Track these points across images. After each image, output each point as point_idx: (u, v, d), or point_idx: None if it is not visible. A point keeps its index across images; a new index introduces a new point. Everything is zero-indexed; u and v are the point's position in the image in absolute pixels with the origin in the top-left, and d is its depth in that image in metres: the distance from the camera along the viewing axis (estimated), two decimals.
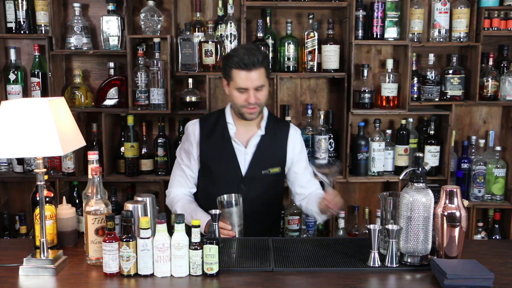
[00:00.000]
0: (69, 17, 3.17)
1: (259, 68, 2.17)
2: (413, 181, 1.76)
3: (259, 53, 2.19)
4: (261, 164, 2.31)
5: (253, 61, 2.15)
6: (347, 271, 1.76)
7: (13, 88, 3.12)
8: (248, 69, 2.15)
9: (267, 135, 2.33)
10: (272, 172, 2.32)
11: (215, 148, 2.32)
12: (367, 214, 3.23)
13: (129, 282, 1.69)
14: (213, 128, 2.34)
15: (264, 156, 2.31)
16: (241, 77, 2.17)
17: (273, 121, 2.38)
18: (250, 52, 2.16)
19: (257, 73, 2.17)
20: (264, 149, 2.31)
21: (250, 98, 2.18)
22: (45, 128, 1.67)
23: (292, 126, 2.44)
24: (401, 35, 3.09)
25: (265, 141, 2.32)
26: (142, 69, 3.01)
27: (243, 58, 2.14)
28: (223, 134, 2.32)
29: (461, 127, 3.35)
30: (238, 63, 2.15)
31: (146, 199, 1.90)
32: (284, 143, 2.36)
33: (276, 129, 2.36)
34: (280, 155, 2.35)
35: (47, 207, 1.90)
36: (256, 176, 2.30)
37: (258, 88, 2.19)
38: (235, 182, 2.29)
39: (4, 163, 3.19)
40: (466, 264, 1.69)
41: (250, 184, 2.29)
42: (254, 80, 2.17)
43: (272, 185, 2.35)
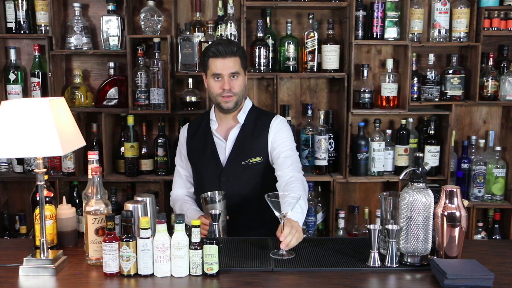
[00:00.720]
0: (69, 17, 3.17)
1: (234, 56, 2.25)
2: (413, 181, 1.76)
3: (234, 44, 2.29)
4: (241, 155, 2.32)
5: (227, 49, 2.23)
6: (347, 271, 1.76)
7: (13, 88, 3.12)
8: (223, 56, 2.23)
9: (246, 126, 2.34)
10: (253, 162, 2.31)
11: (199, 145, 2.40)
12: (367, 214, 3.23)
13: (129, 282, 1.69)
14: (198, 126, 2.44)
15: (244, 147, 2.32)
16: (215, 65, 2.24)
17: (256, 113, 2.40)
18: (225, 42, 2.27)
19: (231, 60, 2.24)
20: (244, 140, 2.33)
21: (225, 84, 2.24)
22: (45, 128, 1.67)
23: (278, 117, 2.40)
24: (401, 35, 3.09)
25: (244, 132, 2.34)
26: (142, 69, 3.01)
27: (217, 47, 2.24)
28: (206, 130, 2.39)
29: (461, 127, 3.35)
30: (213, 52, 2.24)
31: (146, 199, 1.90)
32: (265, 132, 2.34)
33: (258, 120, 2.37)
34: (261, 144, 2.33)
35: (47, 207, 1.90)
36: (236, 167, 2.31)
37: (233, 75, 2.25)
38: (216, 175, 2.33)
39: (4, 163, 3.19)
40: (466, 264, 1.69)
41: (231, 176, 2.31)
42: (229, 67, 2.24)
43: (256, 175, 2.33)
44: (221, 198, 2.14)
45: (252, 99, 3.26)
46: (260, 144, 2.33)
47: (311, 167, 3.17)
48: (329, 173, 3.19)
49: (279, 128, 2.35)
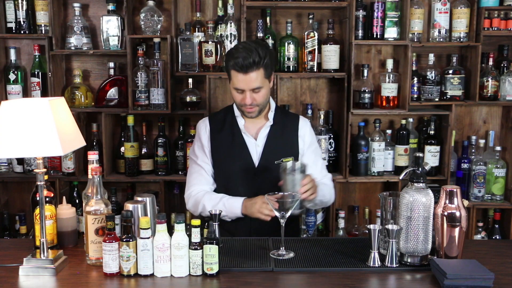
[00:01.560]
0: (69, 17, 3.17)
1: (256, 70, 2.14)
2: (413, 181, 1.76)
3: (257, 54, 2.13)
4: (273, 154, 2.29)
5: (249, 63, 2.12)
6: (347, 271, 1.76)
7: (13, 88, 3.12)
8: (244, 72, 2.14)
9: (276, 125, 2.33)
10: (286, 161, 2.25)
11: (226, 142, 2.32)
12: (367, 214, 3.23)
13: (129, 282, 1.69)
14: (223, 123, 2.36)
15: (276, 146, 2.31)
16: (237, 79, 2.17)
17: (281, 112, 2.39)
18: (247, 53, 2.12)
19: (253, 75, 2.15)
20: (275, 139, 2.31)
21: (246, 99, 2.19)
22: (45, 128, 1.67)
23: (302, 118, 2.43)
24: (401, 35, 3.09)
25: (274, 132, 2.32)
26: (142, 69, 3.01)
27: (239, 60, 2.12)
28: (233, 127, 2.33)
29: (461, 127, 3.35)
30: (234, 65, 2.14)
31: (146, 199, 1.90)
32: (294, 134, 2.34)
33: (285, 120, 2.36)
34: (291, 145, 2.33)
35: (47, 207, 1.90)
36: (269, 166, 2.27)
37: (255, 89, 2.18)
38: (249, 174, 2.28)
39: (4, 163, 3.19)
40: (466, 264, 1.69)
41: (264, 175, 2.27)
42: (250, 82, 2.16)
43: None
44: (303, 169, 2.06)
45: None
46: (290, 145, 2.33)
47: None
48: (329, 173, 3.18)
49: (307, 133, 2.37)
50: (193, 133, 3.06)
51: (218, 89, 3.27)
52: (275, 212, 1.87)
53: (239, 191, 2.27)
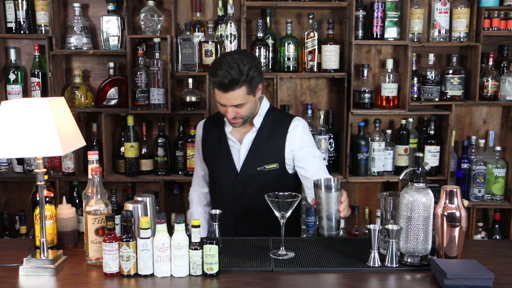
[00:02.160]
0: (69, 17, 3.17)
1: (237, 88, 2.07)
2: (413, 181, 1.76)
3: (238, 71, 2.05)
4: (256, 160, 2.25)
5: (229, 82, 2.05)
6: (347, 271, 1.76)
7: (13, 88, 3.12)
8: (225, 91, 2.07)
9: (262, 130, 2.25)
10: (268, 168, 2.24)
11: (214, 146, 2.32)
12: (367, 214, 3.23)
13: (129, 282, 1.69)
14: (213, 127, 2.36)
15: (259, 153, 2.25)
16: (219, 95, 2.11)
17: (273, 116, 2.29)
18: (228, 73, 2.04)
19: (235, 94, 2.08)
20: (259, 145, 2.25)
21: (228, 114, 2.14)
22: (45, 128, 1.67)
23: (295, 120, 2.30)
24: (401, 35, 3.09)
25: (260, 137, 2.25)
26: (142, 69, 3.01)
27: (219, 80, 2.05)
28: (220, 132, 2.32)
29: (461, 127, 3.35)
30: (215, 83, 2.08)
31: (146, 199, 1.90)
32: (282, 138, 2.25)
33: (275, 124, 2.27)
34: (277, 150, 2.25)
35: (47, 207, 1.90)
36: (251, 173, 2.24)
37: (238, 106, 2.12)
38: (231, 179, 2.27)
39: (4, 163, 3.19)
40: (466, 264, 1.69)
41: (246, 181, 2.25)
42: (231, 99, 2.10)
43: (271, 182, 2.23)
44: (338, 186, 1.93)
45: None
46: (277, 150, 2.25)
47: None
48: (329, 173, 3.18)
49: (297, 134, 2.25)
50: (193, 133, 3.07)
51: None
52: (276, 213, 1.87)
53: (223, 197, 2.30)
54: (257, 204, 2.22)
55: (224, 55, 2.17)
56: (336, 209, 1.92)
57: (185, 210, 2.92)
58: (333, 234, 1.94)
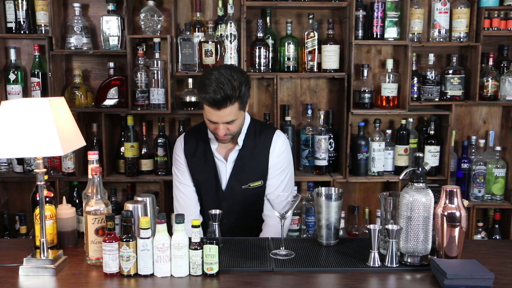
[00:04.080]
0: (69, 17, 3.17)
1: (230, 105, 2.03)
2: (413, 181, 1.76)
3: (230, 87, 2.00)
4: (241, 179, 2.24)
5: (223, 99, 2.00)
6: (347, 271, 1.76)
7: (13, 88, 3.12)
8: (217, 108, 2.03)
9: (245, 148, 2.23)
10: (253, 186, 2.24)
11: (200, 164, 2.29)
12: (367, 214, 3.23)
13: (129, 282, 1.69)
14: (196, 144, 2.31)
15: (244, 171, 2.23)
16: (210, 112, 2.07)
17: (254, 132, 2.25)
18: (221, 89, 1.99)
19: (227, 111, 2.04)
20: (243, 163, 2.23)
21: (220, 131, 2.10)
22: (45, 128, 1.67)
23: (277, 134, 2.27)
24: (401, 35, 3.09)
25: (244, 155, 2.23)
26: (142, 69, 3.01)
27: (212, 96, 2.00)
28: (206, 149, 2.28)
29: (461, 127, 3.35)
30: (207, 100, 2.03)
31: (146, 199, 1.90)
32: (265, 153, 2.22)
33: (257, 140, 2.24)
34: (261, 167, 2.23)
35: (47, 207, 1.90)
36: (237, 191, 2.24)
37: (229, 122, 2.10)
38: (217, 197, 2.27)
39: (4, 163, 3.19)
40: (466, 264, 1.69)
41: (232, 199, 2.25)
42: (224, 117, 2.06)
43: (256, 199, 2.25)
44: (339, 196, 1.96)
45: (252, 99, 3.27)
46: (260, 167, 2.24)
47: (311, 167, 3.17)
48: (329, 173, 3.19)
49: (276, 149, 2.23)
50: None
51: None
52: (275, 213, 1.87)
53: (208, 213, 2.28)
54: (241, 221, 2.23)
55: (210, 71, 2.10)
56: (336, 218, 1.94)
57: None
58: (332, 244, 1.96)
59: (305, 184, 3.23)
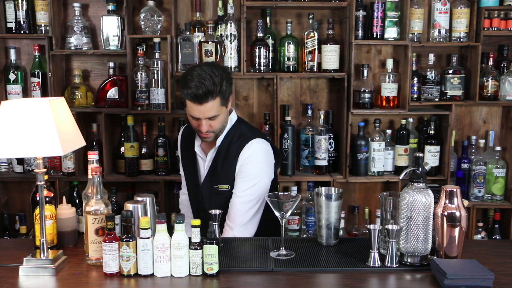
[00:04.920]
0: (69, 17, 3.17)
1: (211, 100, 2.07)
2: (413, 181, 1.76)
3: (211, 82, 2.05)
4: (213, 178, 2.26)
5: (203, 93, 2.05)
6: (347, 271, 1.76)
7: (13, 88, 3.12)
8: (199, 103, 2.07)
9: (221, 149, 2.24)
10: (221, 189, 2.24)
11: (186, 157, 2.38)
12: (367, 214, 3.23)
13: (129, 282, 1.69)
14: (188, 137, 2.39)
15: (216, 172, 2.25)
16: (192, 108, 2.11)
17: (233, 135, 2.24)
18: (202, 84, 2.04)
19: (209, 105, 2.08)
20: (216, 164, 2.25)
21: (202, 127, 2.14)
22: (45, 128, 1.67)
23: (250, 143, 2.19)
24: (401, 35, 3.09)
25: (218, 157, 2.25)
26: (142, 69, 3.01)
27: (194, 91, 2.05)
28: (191, 144, 2.34)
29: (461, 127, 3.35)
30: (189, 95, 2.08)
31: (146, 199, 1.90)
32: (235, 160, 2.21)
33: (232, 145, 2.22)
34: (230, 173, 2.22)
35: (47, 207, 1.90)
36: (210, 189, 2.27)
37: (211, 118, 2.12)
38: (196, 192, 2.33)
39: (4, 163, 3.19)
40: (466, 264, 1.69)
41: (206, 196, 2.29)
42: (205, 112, 2.10)
43: (225, 201, 2.22)
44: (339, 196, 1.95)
45: (252, 99, 3.27)
46: (230, 172, 2.22)
47: (311, 167, 3.17)
48: (329, 173, 3.19)
49: (243, 157, 2.18)
50: None
51: None
52: (276, 213, 1.87)
53: (192, 206, 2.39)
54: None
55: (193, 67, 2.16)
56: (336, 218, 1.95)
57: None
58: (332, 244, 1.96)
59: (305, 184, 3.23)
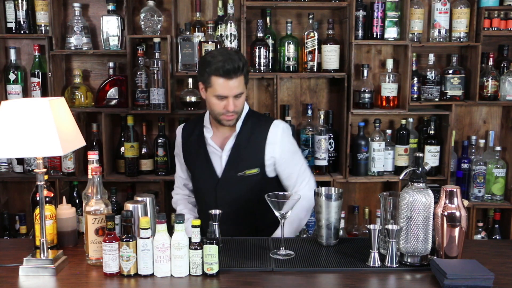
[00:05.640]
0: (69, 17, 3.17)
1: (239, 76, 2.11)
2: (413, 181, 1.76)
3: (239, 59, 2.10)
4: (237, 166, 2.24)
5: (234, 68, 2.08)
6: (347, 271, 1.75)
7: (13, 88, 3.12)
8: (229, 78, 2.09)
9: (242, 134, 2.24)
10: (248, 173, 2.23)
11: (193, 152, 2.33)
12: (367, 214, 3.23)
13: (129, 282, 1.69)
14: (192, 132, 2.36)
15: (240, 158, 2.23)
16: (220, 85, 2.10)
17: (253, 120, 2.28)
18: (230, 59, 2.08)
19: (237, 81, 2.11)
20: (239, 150, 2.23)
21: (229, 106, 2.13)
22: (45, 128, 1.67)
23: (275, 124, 2.27)
24: (401, 35, 3.09)
25: (240, 142, 2.23)
26: (142, 69, 3.01)
27: (223, 65, 2.07)
28: (200, 137, 2.31)
29: (461, 127, 3.35)
30: (218, 70, 2.08)
31: (146, 199, 1.90)
32: (262, 143, 2.22)
33: (254, 128, 2.25)
34: (257, 156, 2.23)
35: (47, 207, 1.90)
36: (231, 179, 2.24)
37: (237, 95, 2.14)
38: (212, 185, 2.28)
39: (4, 163, 3.19)
40: (466, 264, 1.69)
41: (227, 187, 2.25)
42: (234, 88, 2.11)
43: (252, 187, 2.24)
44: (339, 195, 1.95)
45: (252, 99, 3.27)
46: (257, 155, 2.23)
47: (311, 167, 3.16)
48: (329, 173, 3.19)
49: (277, 140, 2.23)
50: None
51: None
52: (276, 213, 1.87)
53: (205, 201, 2.32)
54: (239, 208, 2.23)
55: (209, 52, 2.22)
56: (336, 218, 1.95)
57: None
58: (332, 244, 1.96)
59: None
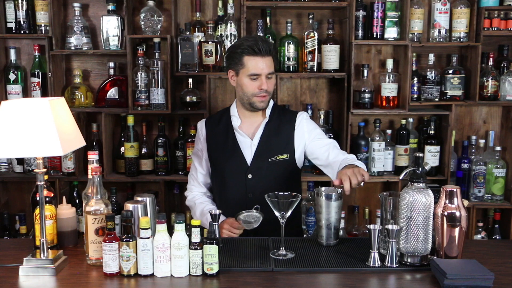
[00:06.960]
0: (69, 17, 3.17)
1: (270, 55, 2.22)
2: (413, 181, 1.76)
3: (268, 41, 2.25)
4: (268, 152, 2.30)
5: (265, 47, 2.19)
6: (347, 271, 1.76)
7: (13, 88, 3.12)
8: (262, 55, 2.19)
9: (271, 122, 2.33)
10: (280, 159, 2.29)
11: (221, 142, 2.35)
12: (367, 214, 3.23)
13: (129, 282, 1.69)
14: (218, 123, 2.39)
15: (270, 144, 2.30)
16: (254, 63, 2.19)
17: (279, 111, 2.38)
18: (261, 39, 2.23)
19: (269, 60, 2.21)
20: (270, 137, 2.31)
21: (263, 84, 2.21)
22: (45, 128, 1.67)
23: (300, 113, 2.41)
24: (401, 35, 3.09)
25: (270, 129, 2.32)
26: (142, 69, 3.01)
27: (256, 43, 2.18)
28: (228, 127, 2.35)
29: (461, 127, 3.35)
30: (251, 48, 2.18)
31: (146, 199, 1.90)
32: (291, 131, 2.33)
33: (282, 116, 2.36)
34: (287, 142, 2.32)
35: (47, 207, 1.90)
36: (262, 165, 2.29)
37: (269, 75, 2.22)
38: (241, 173, 2.30)
39: (4, 163, 3.19)
40: (466, 264, 1.69)
41: (257, 173, 2.29)
42: (266, 67, 2.20)
43: (282, 172, 2.31)
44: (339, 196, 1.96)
45: None
46: (287, 142, 2.32)
47: (311, 167, 3.17)
48: None
49: (304, 125, 2.34)
50: (193, 133, 3.07)
51: (218, 89, 3.27)
52: (276, 213, 1.87)
53: (233, 191, 2.32)
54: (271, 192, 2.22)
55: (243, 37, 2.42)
56: (336, 218, 1.95)
57: (185, 210, 2.93)
58: (332, 244, 1.96)
59: (305, 184, 3.23)
